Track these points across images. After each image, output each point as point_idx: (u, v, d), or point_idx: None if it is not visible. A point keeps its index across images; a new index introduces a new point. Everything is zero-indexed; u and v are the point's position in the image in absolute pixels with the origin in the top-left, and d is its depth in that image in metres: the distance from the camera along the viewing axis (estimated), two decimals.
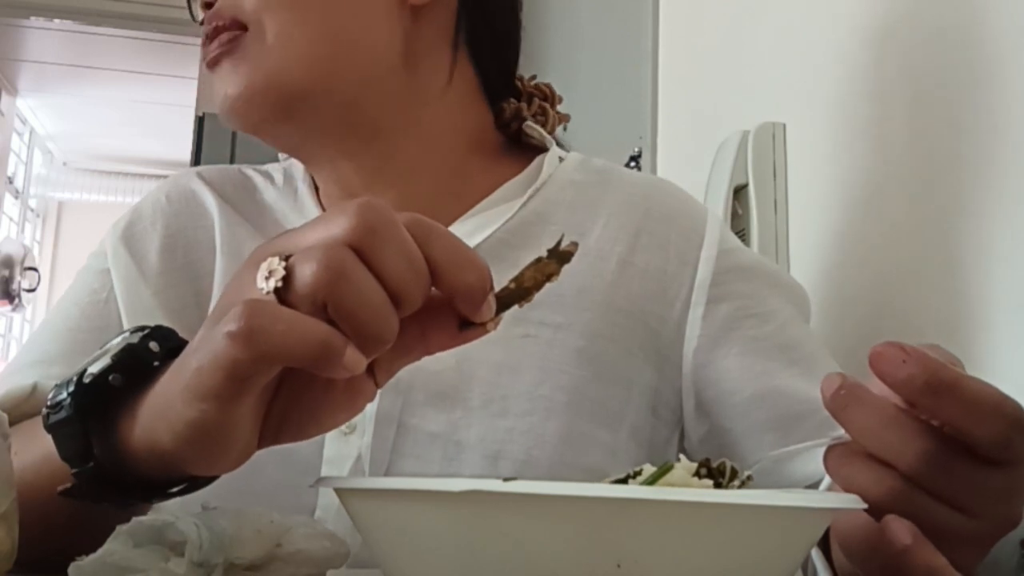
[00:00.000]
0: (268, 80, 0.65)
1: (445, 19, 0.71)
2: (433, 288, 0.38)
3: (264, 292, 0.37)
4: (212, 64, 0.68)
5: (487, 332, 0.40)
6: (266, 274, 0.37)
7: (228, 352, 0.36)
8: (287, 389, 0.40)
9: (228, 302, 0.39)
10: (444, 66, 0.71)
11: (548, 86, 0.80)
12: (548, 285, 0.41)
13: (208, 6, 0.68)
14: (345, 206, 0.38)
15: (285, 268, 0.36)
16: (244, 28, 0.66)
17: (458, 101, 0.72)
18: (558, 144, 0.79)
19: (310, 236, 0.38)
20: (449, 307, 0.39)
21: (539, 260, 0.41)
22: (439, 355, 0.41)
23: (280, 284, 0.36)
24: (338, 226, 0.37)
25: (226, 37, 0.66)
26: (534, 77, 0.79)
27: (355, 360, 0.36)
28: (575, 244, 0.41)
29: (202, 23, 0.69)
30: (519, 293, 0.40)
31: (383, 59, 0.68)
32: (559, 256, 0.41)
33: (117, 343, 0.44)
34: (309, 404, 0.40)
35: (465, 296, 0.38)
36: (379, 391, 0.41)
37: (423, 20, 0.69)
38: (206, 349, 0.37)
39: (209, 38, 0.68)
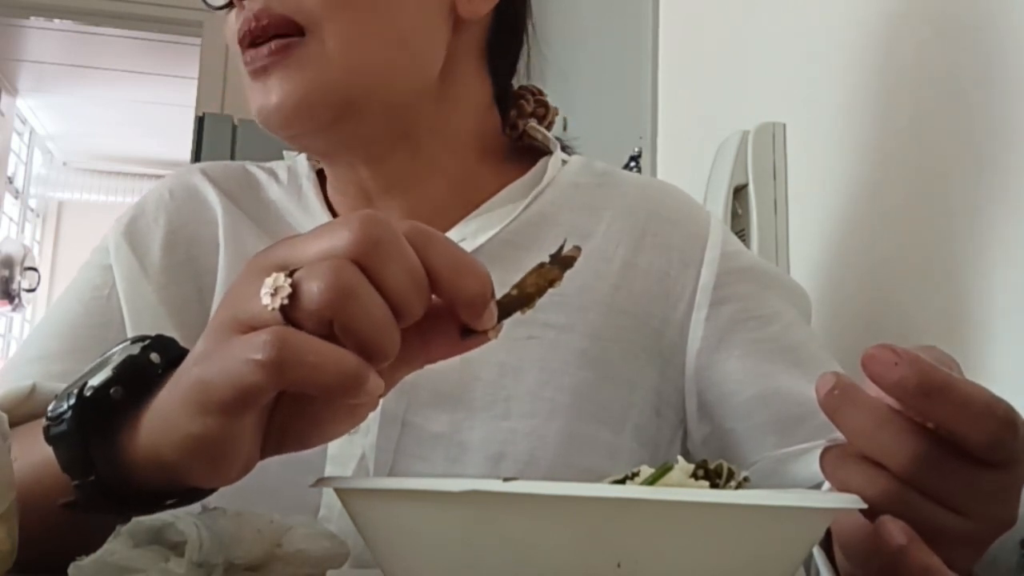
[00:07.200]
0: (327, 89, 0.62)
1: (478, 34, 0.71)
2: (434, 296, 0.38)
3: (270, 309, 0.36)
4: (259, 73, 0.63)
5: (489, 340, 0.40)
6: (271, 290, 0.36)
7: (251, 378, 0.36)
8: (289, 399, 0.40)
9: (230, 314, 0.38)
10: (471, 77, 0.71)
11: (534, 86, 0.80)
12: (550, 290, 0.40)
13: None
14: (347, 218, 0.37)
15: (291, 285, 0.36)
16: (299, 31, 0.62)
17: (476, 109, 0.73)
18: (563, 146, 0.79)
19: (312, 248, 0.37)
20: (450, 315, 0.39)
21: (542, 266, 0.40)
22: None
23: (286, 302, 0.36)
24: (341, 240, 0.37)
25: (277, 44, 0.62)
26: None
27: (377, 386, 0.36)
28: (578, 249, 0.40)
29: (221, 8, 0.65)
30: (521, 300, 0.40)
31: (433, 66, 0.67)
32: (561, 262, 0.40)
33: (117, 353, 0.44)
34: (311, 414, 0.40)
35: (466, 304, 0.38)
36: None
37: (460, 32, 0.69)
38: (218, 366, 0.37)
39: (253, 36, 0.62)
